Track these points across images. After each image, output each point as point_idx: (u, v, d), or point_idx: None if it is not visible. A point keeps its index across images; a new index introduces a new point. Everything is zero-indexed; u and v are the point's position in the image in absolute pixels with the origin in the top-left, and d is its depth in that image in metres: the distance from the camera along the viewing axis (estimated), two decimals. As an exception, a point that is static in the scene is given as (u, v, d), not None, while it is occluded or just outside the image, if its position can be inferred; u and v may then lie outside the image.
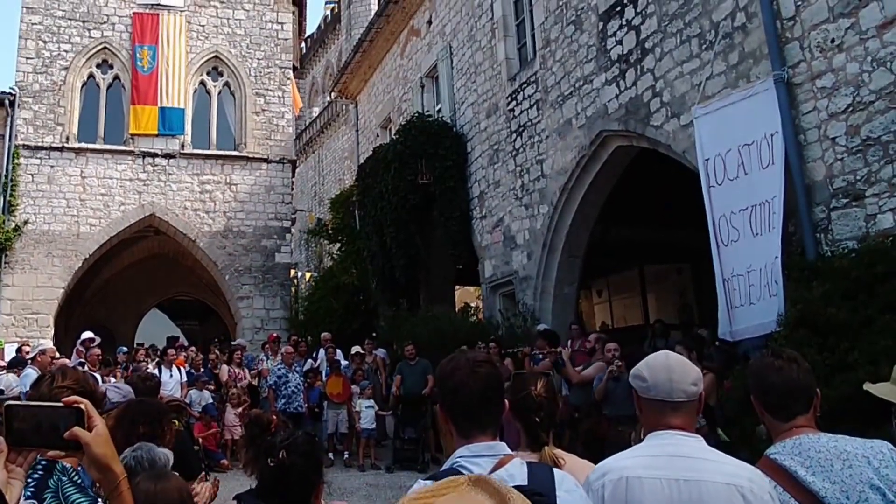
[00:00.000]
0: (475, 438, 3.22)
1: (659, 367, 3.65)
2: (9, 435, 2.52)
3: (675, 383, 3.58)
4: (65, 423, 2.53)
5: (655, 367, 3.67)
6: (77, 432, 2.51)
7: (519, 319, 17.38)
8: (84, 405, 2.59)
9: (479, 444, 3.20)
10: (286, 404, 17.25)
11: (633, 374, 3.77)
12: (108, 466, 2.58)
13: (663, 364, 3.66)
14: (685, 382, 3.59)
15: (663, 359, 3.71)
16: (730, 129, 11.24)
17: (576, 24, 16.03)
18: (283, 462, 3.75)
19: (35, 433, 2.54)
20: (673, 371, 3.62)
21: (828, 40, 9.95)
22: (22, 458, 2.51)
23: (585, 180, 15.98)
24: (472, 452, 3.16)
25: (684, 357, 3.81)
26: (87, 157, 27.60)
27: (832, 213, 9.88)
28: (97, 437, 2.55)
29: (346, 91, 31.80)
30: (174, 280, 35.53)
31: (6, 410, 2.57)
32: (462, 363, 3.30)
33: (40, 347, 15.46)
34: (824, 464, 3.62)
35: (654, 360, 3.73)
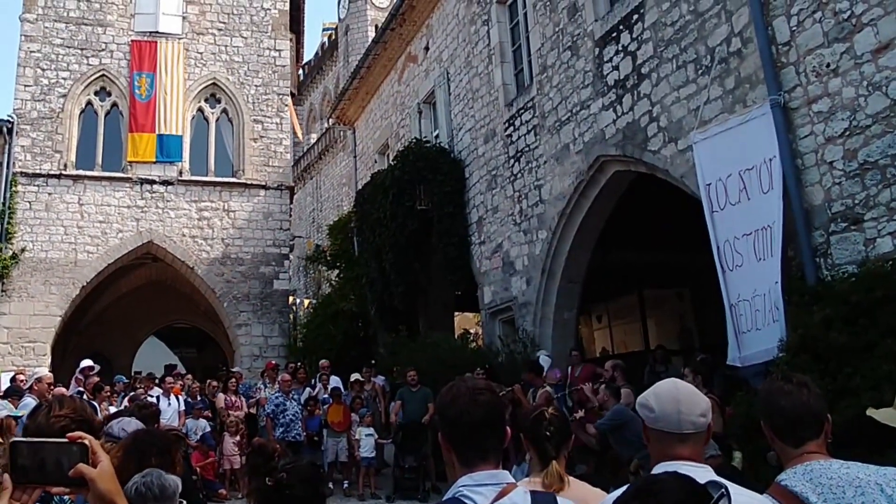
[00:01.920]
0: (477, 467, 3.18)
1: (667, 398, 3.63)
2: (13, 472, 2.49)
3: (682, 414, 3.54)
4: (69, 460, 2.49)
5: (663, 396, 3.64)
6: (82, 469, 2.46)
7: (519, 346, 17.30)
8: (88, 441, 2.55)
9: (481, 472, 3.17)
10: (284, 433, 17.17)
11: (640, 402, 3.74)
12: (113, 502, 2.53)
13: (671, 394, 3.63)
14: (693, 414, 3.56)
15: (671, 388, 3.68)
16: (729, 153, 11.25)
17: (572, 50, 16.07)
18: (281, 483, 3.74)
19: (39, 470, 2.50)
20: (681, 402, 3.58)
21: (823, 65, 9.97)
22: (27, 495, 2.47)
23: (584, 205, 15.98)
24: (475, 481, 3.13)
25: (692, 385, 3.78)
26: (84, 185, 27.60)
27: (831, 237, 9.87)
28: (102, 473, 2.51)
29: (343, 117, 31.88)
30: (172, 307, 35.47)
31: (10, 447, 2.54)
32: (462, 391, 3.26)
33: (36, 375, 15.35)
34: (836, 490, 3.55)
35: (661, 389, 3.70)
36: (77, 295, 27.06)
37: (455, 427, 3.23)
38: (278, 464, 4.00)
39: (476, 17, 20.40)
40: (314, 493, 3.84)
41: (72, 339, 30.31)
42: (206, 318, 33.48)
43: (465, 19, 21.12)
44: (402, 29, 24.94)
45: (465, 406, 3.20)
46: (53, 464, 2.49)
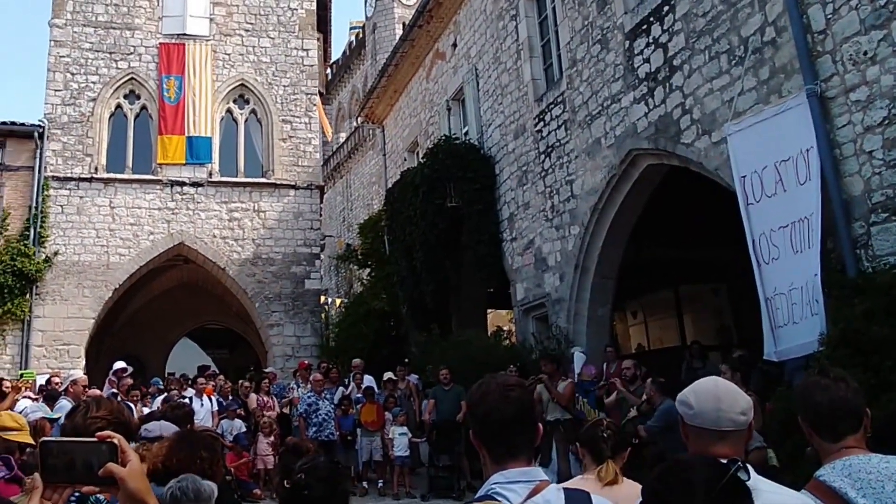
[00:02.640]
0: (509, 464, 3.17)
1: (706, 395, 3.59)
2: (43, 471, 2.50)
3: (722, 412, 3.50)
4: (99, 459, 2.49)
5: (702, 394, 3.61)
6: (111, 468, 2.46)
7: (553, 343, 17.27)
8: (118, 440, 2.55)
9: (513, 470, 3.14)
10: (317, 432, 17.26)
11: (680, 399, 3.71)
12: (144, 501, 2.53)
13: (711, 392, 3.60)
14: (733, 412, 3.52)
15: (711, 386, 3.64)
16: (765, 145, 11.15)
17: (602, 44, 16.00)
18: (298, 484, 3.76)
19: (69, 469, 2.50)
20: (721, 400, 3.55)
21: (860, 53, 9.84)
22: (57, 494, 2.47)
23: (616, 200, 15.91)
24: (507, 479, 3.10)
25: (733, 384, 3.74)
26: (115, 187, 27.84)
27: (871, 228, 9.75)
28: (132, 472, 2.51)
29: (372, 116, 31.98)
30: (204, 309, 35.70)
31: (41, 447, 2.55)
32: (492, 388, 3.25)
33: (71, 378, 15.49)
34: (875, 485, 3.54)
35: (701, 386, 3.66)
36: (110, 297, 27.31)
37: (485, 424, 3.22)
38: (300, 464, 3.99)
39: (504, 12, 20.36)
40: (333, 492, 3.85)
41: (105, 341, 30.55)
42: (238, 318, 33.69)
43: (492, 15, 21.09)
44: (429, 26, 24.96)
45: (496, 403, 3.19)
46: (83, 463, 2.49)
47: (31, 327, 26.11)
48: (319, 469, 3.90)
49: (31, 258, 26.19)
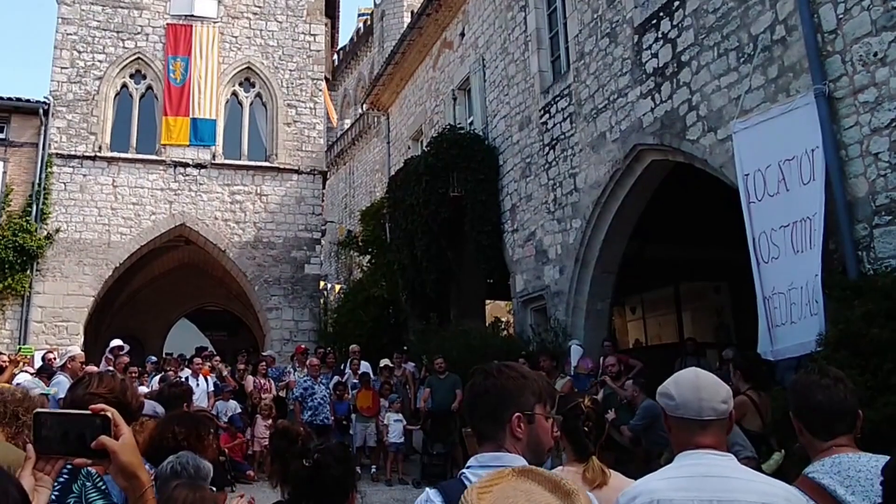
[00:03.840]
0: (485, 448, 3.24)
1: (687, 385, 3.66)
2: (36, 443, 2.56)
3: (703, 401, 3.57)
4: (92, 432, 2.56)
5: (683, 384, 3.68)
6: (104, 441, 2.53)
7: (550, 335, 17.33)
8: (111, 413, 2.61)
9: (486, 454, 3.21)
10: (312, 416, 17.41)
11: (661, 391, 3.78)
12: (135, 474, 2.61)
13: (692, 382, 3.67)
14: (715, 400, 3.59)
15: (692, 376, 3.72)
16: (770, 144, 11.13)
17: (610, 37, 15.98)
18: (318, 464, 3.80)
19: (62, 441, 2.56)
20: (702, 389, 3.61)
21: (870, 54, 9.81)
22: (50, 465, 2.53)
23: (619, 195, 15.92)
24: (479, 462, 3.17)
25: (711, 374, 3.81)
26: (119, 167, 27.93)
27: (875, 230, 9.73)
28: (124, 445, 2.58)
29: (377, 103, 31.98)
30: (203, 290, 35.86)
31: (34, 418, 2.61)
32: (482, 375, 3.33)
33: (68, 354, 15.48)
34: (864, 483, 3.62)
35: (681, 377, 3.74)
36: (110, 276, 27.43)
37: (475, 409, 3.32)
38: (311, 446, 4.08)
39: (513, 2, 20.36)
40: (347, 471, 3.93)
41: (105, 319, 30.68)
42: (238, 301, 33.83)
43: (501, 5, 21.08)
44: (437, 15, 24.95)
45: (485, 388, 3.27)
46: (76, 435, 2.56)
47: (31, 303, 26.22)
48: (334, 450, 3.97)
49: (33, 234, 26.25)
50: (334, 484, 3.83)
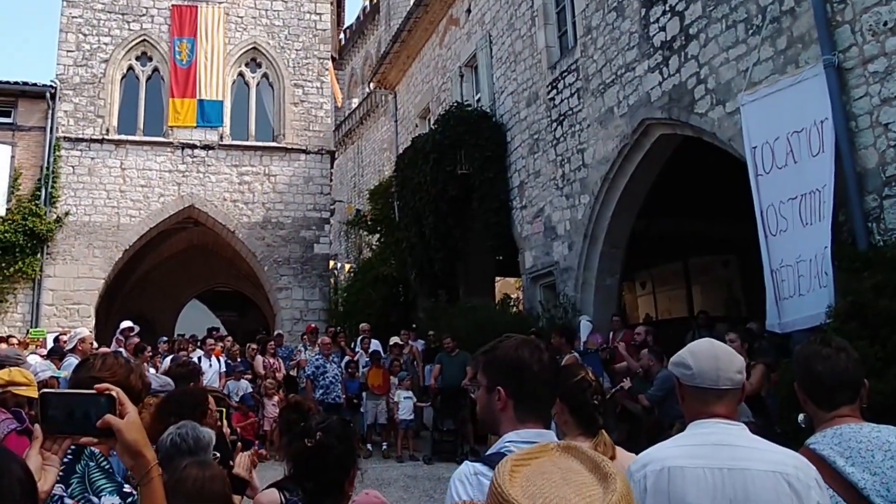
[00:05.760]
0: (528, 425, 3.24)
1: (704, 355, 3.65)
2: (43, 422, 2.57)
3: (721, 371, 3.58)
4: (97, 411, 2.59)
5: (700, 354, 3.67)
6: (109, 420, 2.56)
7: (560, 311, 17.37)
8: (116, 392, 2.64)
9: (530, 430, 3.21)
10: (324, 395, 17.51)
11: (676, 361, 3.77)
12: (140, 453, 2.64)
13: (709, 352, 3.66)
14: (731, 370, 3.60)
15: (708, 346, 3.71)
16: (778, 116, 11.11)
17: (617, 11, 15.94)
18: (320, 443, 3.82)
19: (68, 421, 2.58)
20: (719, 359, 3.61)
21: (880, 23, 9.76)
22: (57, 445, 2.54)
23: (627, 170, 15.92)
24: (522, 438, 3.15)
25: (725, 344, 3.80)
26: (126, 149, 28.04)
27: (885, 201, 9.69)
28: (129, 423, 2.61)
29: (385, 82, 32.00)
30: (214, 271, 36.00)
31: (41, 399, 2.65)
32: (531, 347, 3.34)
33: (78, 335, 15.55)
34: (865, 454, 3.62)
35: (698, 347, 3.73)
36: (120, 258, 27.58)
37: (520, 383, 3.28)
38: (312, 423, 4.08)
39: (519, -22, 20.25)
40: (349, 450, 3.94)
41: (115, 301, 30.84)
42: (248, 281, 33.94)
43: (507, -19, 20.97)
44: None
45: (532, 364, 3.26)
46: (82, 415, 2.59)
47: (42, 286, 26.42)
48: (336, 427, 3.98)
49: (42, 218, 26.41)
50: (336, 462, 3.86)
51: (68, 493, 3.33)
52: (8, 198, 26.42)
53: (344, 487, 3.88)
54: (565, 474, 1.90)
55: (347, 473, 3.89)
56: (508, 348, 3.34)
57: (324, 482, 3.80)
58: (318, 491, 3.80)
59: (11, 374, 6.08)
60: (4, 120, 27.35)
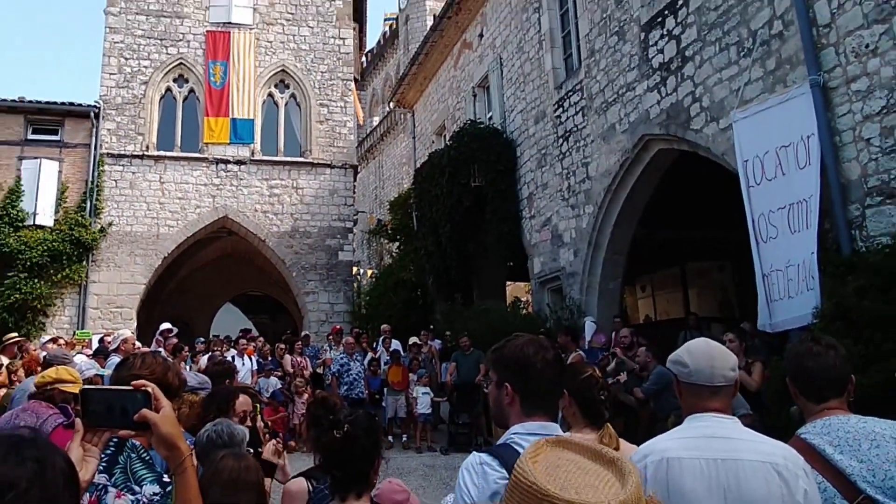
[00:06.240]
0: (534, 418, 3.27)
1: (700, 354, 3.66)
2: (84, 417, 2.59)
3: (716, 369, 3.58)
4: (134, 406, 2.60)
5: (696, 353, 3.68)
6: (145, 414, 2.58)
7: (566, 313, 17.39)
8: (151, 388, 2.65)
9: (534, 423, 3.24)
10: (348, 391, 17.60)
11: (674, 359, 3.77)
12: (175, 444, 2.65)
13: (704, 351, 3.67)
14: (725, 368, 3.61)
15: (703, 346, 3.72)
16: (767, 131, 11.16)
17: (619, 35, 15.97)
18: (348, 434, 3.84)
19: (107, 415, 2.60)
20: (714, 358, 3.62)
21: (862, 45, 9.80)
22: (97, 437, 2.56)
23: (628, 182, 15.94)
24: (527, 430, 3.20)
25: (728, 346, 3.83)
26: (165, 164, 28.13)
27: (866, 210, 9.73)
28: (164, 417, 2.62)
29: (403, 101, 32.03)
30: (246, 277, 36.00)
31: (81, 394, 2.65)
32: (537, 346, 3.36)
33: (121, 336, 15.66)
34: (852, 443, 3.63)
35: (694, 346, 3.73)
36: (159, 265, 27.66)
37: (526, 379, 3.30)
38: (340, 417, 4.04)
39: (528, 4, 20.34)
40: (374, 441, 3.93)
41: (155, 305, 30.86)
42: (277, 286, 33.94)
43: (517, 7, 21.06)
44: (458, 17, 24.95)
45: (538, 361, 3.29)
46: (120, 409, 2.60)
47: (88, 291, 26.50)
48: (362, 420, 3.98)
49: (88, 228, 26.54)
50: (362, 453, 3.85)
51: (112, 482, 3.37)
52: (56, 209, 26.62)
53: (369, 476, 3.88)
54: (577, 464, 1.92)
55: (372, 463, 3.88)
56: (515, 347, 3.37)
57: (351, 471, 3.82)
58: (345, 479, 3.80)
59: (59, 373, 6.14)
60: (52, 138, 27.49)
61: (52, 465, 1.81)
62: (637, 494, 1.82)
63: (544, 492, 1.78)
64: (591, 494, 1.78)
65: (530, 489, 1.81)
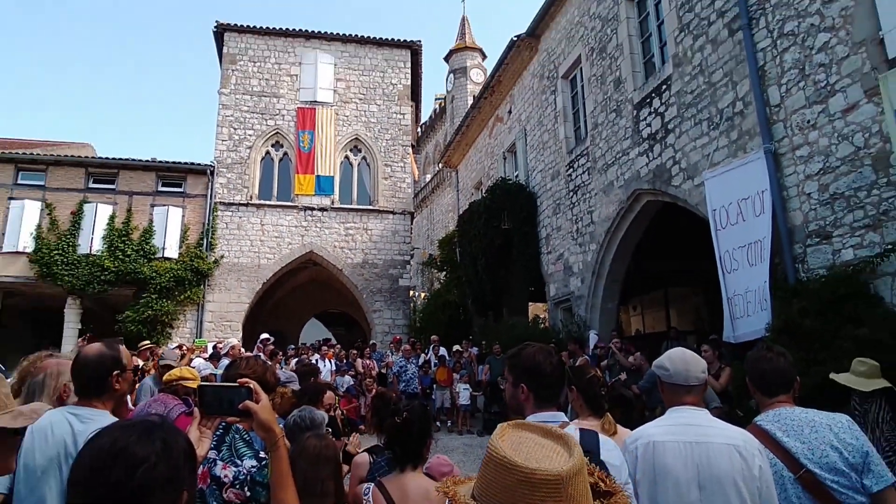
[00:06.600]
0: (544, 409, 3.27)
1: (678, 360, 3.70)
2: (201, 406, 2.69)
3: (690, 372, 3.64)
4: (239, 398, 2.66)
5: (675, 359, 3.72)
6: (248, 404, 2.64)
7: (574, 327, 17.32)
8: (253, 385, 2.71)
9: (545, 413, 3.24)
10: (405, 387, 17.71)
11: (657, 364, 3.80)
12: (271, 428, 2.68)
13: (681, 357, 3.71)
14: (697, 371, 3.65)
15: (680, 353, 3.75)
16: (731, 187, 11.17)
17: (616, 112, 16.01)
18: (406, 420, 3.86)
19: (218, 405, 2.69)
20: (689, 363, 3.67)
21: (805, 122, 9.85)
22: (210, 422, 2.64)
23: (623, 226, 15.89)
24: (539, 418, 3.18)
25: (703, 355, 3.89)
26: (264, 211, 28.14)
27: (807, 248, 9.74)
28: (262, 407, 2.66)
29: (449, 162, 32.00)
30: (326, 298, 35.69)
31: (199, 389, 2.74)
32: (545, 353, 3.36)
33: (230, 344, 15.85)
34: (797, 429, 3.69)
35: (673, 354, 3.77)
36: (259, 289, 27.58)
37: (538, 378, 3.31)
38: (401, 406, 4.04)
39: (546, 88, 20.39)
40: (426, 427, 3.93)
41: (257, 319, 30.73)
42: (351, 305, 33.66)
43: (537, 90, 21.12)
44: (492, 98, 25.01)
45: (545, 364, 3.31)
46: (228, 401, 2.67)
47: (204, 308, 26.57)
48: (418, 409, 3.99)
49: (204, 260, 26.69)
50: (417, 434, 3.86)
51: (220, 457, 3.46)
52: (180, 245, 26.83)
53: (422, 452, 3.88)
54: (534, 441, 1.93)
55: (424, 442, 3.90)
56: (528, 355, 3.35)
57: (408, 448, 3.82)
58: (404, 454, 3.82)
59: (182, 372, 6.20)
60: (177, 189, 27.68)
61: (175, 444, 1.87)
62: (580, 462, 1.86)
63: (512, 462, 1.81)
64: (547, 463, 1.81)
65: (501, 461, 1.83)
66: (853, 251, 8.98)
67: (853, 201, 9.00)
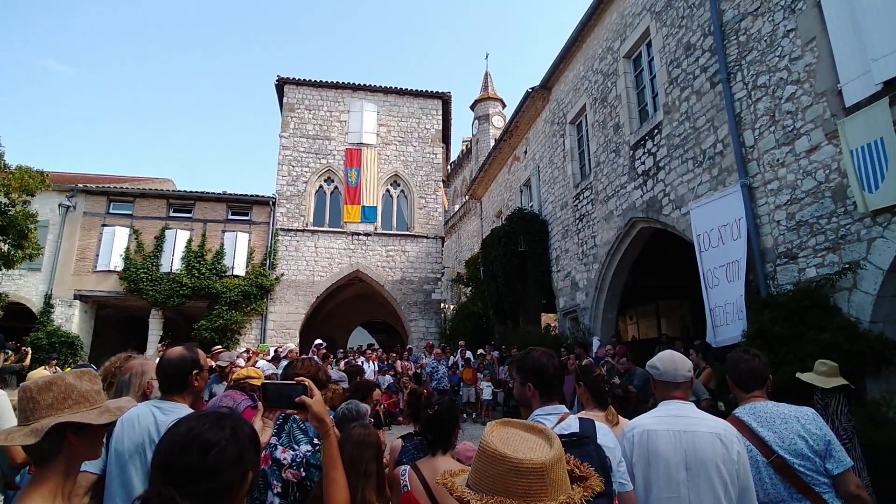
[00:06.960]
0: (550, 403, 3.27)
1: (667, 360, 3.74)
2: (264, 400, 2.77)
3: (678, 370, 3.67)
4: (296, 393, 2.70)
5: (664, 360, 3.75)
6: (303, 399, 2.68)
7: (580, 333, 17.21)
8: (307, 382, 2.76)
9: (549, 406, 3.25)
10: (437, 384, 17.61)
11: (650, 364, 3.83)
12: (323, 419, 2.70)
13: (670, 358, 3.75)
14: (684, 370, 3.68)
15: (669, 355, 3.79)
16: (712, 215, 11.16)
17: (616, 152, 16.03)
18: (437, 412, 3.88)
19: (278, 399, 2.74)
20: (676, 363, 3.70)
21: (775, 160, 9.88)
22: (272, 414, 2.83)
23: (621, 248, 15.83)
24: (545, 412, 3.20)
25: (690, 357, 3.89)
26: (318, 236, 28.26)
27: (777, 267, 9.74)
28: (316, 401, 2.70)
29: (475, 195, 31.91)
30: (370, 309, 35.57)
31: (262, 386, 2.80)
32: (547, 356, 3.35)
33: (289, 347, 16.00)
34: (769, 420, 3.71)
35: (663, 355, 3.80)
36: (314, 302, 27.65)
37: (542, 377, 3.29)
38: (433, 400, 4.01)
39: (556, 132, 20.42)
40: (455, 418, 3.93)
41: (311, 327, 30.81)
42: (391, 315, 33.47)
43: (549, 134, 21.15)
44: (510, 140, 25.04)
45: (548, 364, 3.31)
46: (287, 396, 2.73)
47: (267, 318, 26.64)
48: (448, 403, 4.01)
49: (267, 277, 26.82)
50: (447, 424, 3.85)
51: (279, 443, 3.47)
52: (246, 265, 27.02)
53: (451, 439, 3.87)
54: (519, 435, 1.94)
55: (453, 431, 3.88)
56: (533, 358, 3.33)
57: (439, 436, 3.81)
58: (435, 441, 3.81)
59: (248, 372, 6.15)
60: (244, 218, 27.86)
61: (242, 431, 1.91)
62: (560, 452, 1.87)
63: (502, 454, 1.82)
64: (532, 453, 1.82)
65: (493, 454, 1.83)
66: (816, 270, 8.97)
67: (816, 227, 9.01)
